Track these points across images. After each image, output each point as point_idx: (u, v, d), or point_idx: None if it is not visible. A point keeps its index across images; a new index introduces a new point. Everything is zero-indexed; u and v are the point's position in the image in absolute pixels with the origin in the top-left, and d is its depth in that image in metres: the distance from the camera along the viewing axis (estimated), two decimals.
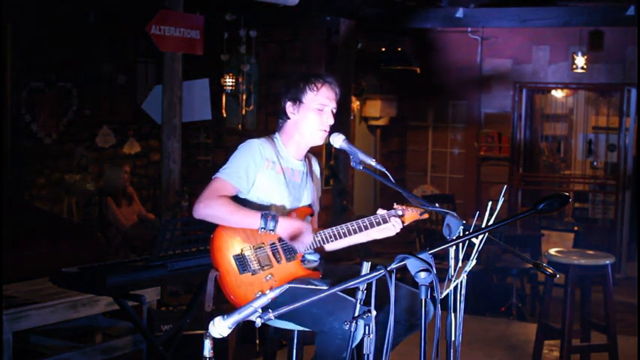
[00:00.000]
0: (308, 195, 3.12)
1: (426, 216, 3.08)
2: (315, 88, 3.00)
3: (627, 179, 8.54)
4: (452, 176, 9.66)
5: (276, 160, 3.00)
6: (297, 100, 3.01)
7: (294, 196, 3.04)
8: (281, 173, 3.00)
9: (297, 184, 3.07)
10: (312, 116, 3.00)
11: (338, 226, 2.96)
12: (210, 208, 2.85)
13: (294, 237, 2.90)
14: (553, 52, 8.81)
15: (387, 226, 3.00)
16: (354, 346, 2.47)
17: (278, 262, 2.91)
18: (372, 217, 3.00)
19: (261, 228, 2.84)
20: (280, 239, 2.93)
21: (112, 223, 7.05)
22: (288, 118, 3.05)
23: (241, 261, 2.86)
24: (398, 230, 3.01)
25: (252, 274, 2.86)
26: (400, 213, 3.01)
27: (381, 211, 3.02)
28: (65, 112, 7.38)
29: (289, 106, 3.03)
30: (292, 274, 2.91)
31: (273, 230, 2.85)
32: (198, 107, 6.37)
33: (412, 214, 3.03)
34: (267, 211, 2.88)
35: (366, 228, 2.99)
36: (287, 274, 2.91)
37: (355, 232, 2.97)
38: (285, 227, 2.88)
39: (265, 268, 2.88)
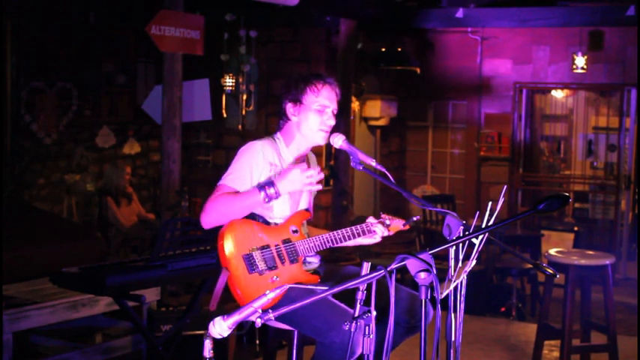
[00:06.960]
0: (305, 198, 3.11)
1: (407, 227, 3.17)
2: (315, 89, 2.99)
3: (627, 179, 8.54)
4: (452, 176, 9.66)
5: (278, 163, 2.98)
6: (297, 101, 2.99)
7: (294, 200, 3.04)
8: None
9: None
10: (312, 117, 2.98)
11: (333, 233, 2.98)
12: (212, 212, 2.82)
13: (296, 182, 2.86)
14: (553, 52, 8.80)
15: (373, 235, 3.07)
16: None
17: (282, 263, 2.91)
18: (363, 224, 3.04)
19: (265, 197, 2.82)
20: (284, 241, 2.92)
21: (112, 223, 7.06)
22: (289, 119, 3.03)
23: (250, 260, 2.85)
24: (379, 240, 3.09)
25: (260, 275, 2.85)
26: (387, 223, 3.09)
27: (371, 220, 3.07)
28: (65, 112, 7.38)
29: (290, 107, 3.01)
30: (296, 276, 2.91)
31: (275, 193, 2.83)
32: (198, 107, 6.38)
33: (396, 225, 3.12)
34: (261, 182, 2.88)
35: (359, 235, 3.04)
36: (291, 275, 2.91)
37: (347, 239, 3.01)
38: (284, 183, 2.85)
39: (272, 269, 2.88)
